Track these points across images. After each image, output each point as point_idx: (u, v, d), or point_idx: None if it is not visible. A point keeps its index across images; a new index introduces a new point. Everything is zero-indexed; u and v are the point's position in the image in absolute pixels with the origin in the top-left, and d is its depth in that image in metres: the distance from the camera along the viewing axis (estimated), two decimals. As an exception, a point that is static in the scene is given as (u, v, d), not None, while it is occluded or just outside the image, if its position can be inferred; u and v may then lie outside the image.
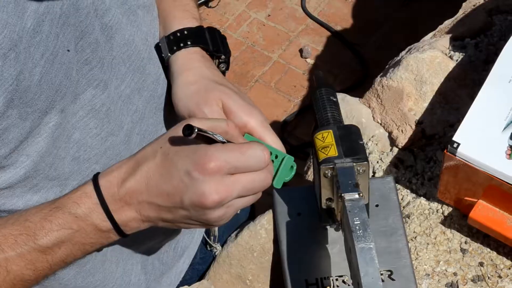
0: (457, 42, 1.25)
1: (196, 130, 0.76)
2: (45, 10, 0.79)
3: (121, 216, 0.81)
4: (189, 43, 1.00)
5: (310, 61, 2.86)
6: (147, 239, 1.08)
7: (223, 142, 0.80)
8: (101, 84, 0.90)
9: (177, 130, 0.80)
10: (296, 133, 2.69)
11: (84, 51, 0.86)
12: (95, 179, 0.82)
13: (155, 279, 1.14)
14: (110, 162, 0.94)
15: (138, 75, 0.96)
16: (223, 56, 1.04)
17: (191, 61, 0.99)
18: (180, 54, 1.00)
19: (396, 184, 1.11)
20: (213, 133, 0.79)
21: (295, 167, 0.90)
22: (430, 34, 1.33)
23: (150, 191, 0.79)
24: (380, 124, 1.20)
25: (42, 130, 0.84)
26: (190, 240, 1.19)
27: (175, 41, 1.00)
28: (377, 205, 1.06)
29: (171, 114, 1.03)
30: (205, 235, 1.24)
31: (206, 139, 0.79)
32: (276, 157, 0.89)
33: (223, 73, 1.04)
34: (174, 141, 0.80)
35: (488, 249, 1.06)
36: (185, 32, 1.01)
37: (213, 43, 1.02)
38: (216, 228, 1.24)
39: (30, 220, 0.81)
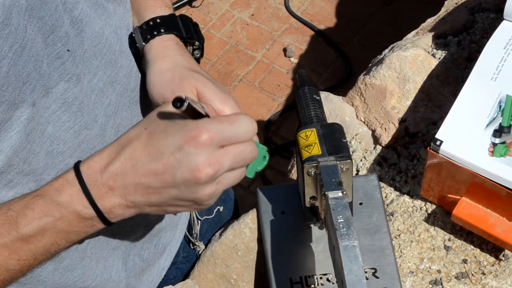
0: (439, 40, 1.25)
1: (187, 101, 0.75)
2: (11, 3, 0.79)
3: (104, 202, 0.80)
4: (162, 30, 1.00)
5: (294, 60, 2.86)
6: (127, 234, 1.07)
7: (209, 117, 0.80)
8: (73, 78, 0.89)
9: (161, 110, 0.80)
10: (280, 132, 2.69)
11: (55, 44, 0.86)
12: (76, 166, 0.81)
13: (135, 276, 1.13)
14: (84, 156, 0.93)
15: (111, 68, 0.96)
16: (197, 43, 1.04)
17: (165, 49, 0.99)
18: (154, 42, 0.99)
19: (380, 182, 1.11)
20: (202, 106, 0.79)
21: (267, 157, 0.90)
22: (413, 32, 1.33)
23: (137, 172, 0.78)
24: (364, 122, 1.20)
25: (14, 124, 0.83)
26: (171, 237, 1.18)
27: (148, 29, 1.00)
28: (360, 203, 1.06)
29: (146, 108, 1.03)
30: (187, 233, 1.24)
31: (193, 114, 0.79)
32: None
33: (198, 60, 1.04)
34: (159, 119, 0.79)
35: (472, 246, 1.06)
36: (158, 20, 1.01)
37: (186, 29, 1.02)
38: (198, 226, 1.23)
39: (13, 209, 0.81)
